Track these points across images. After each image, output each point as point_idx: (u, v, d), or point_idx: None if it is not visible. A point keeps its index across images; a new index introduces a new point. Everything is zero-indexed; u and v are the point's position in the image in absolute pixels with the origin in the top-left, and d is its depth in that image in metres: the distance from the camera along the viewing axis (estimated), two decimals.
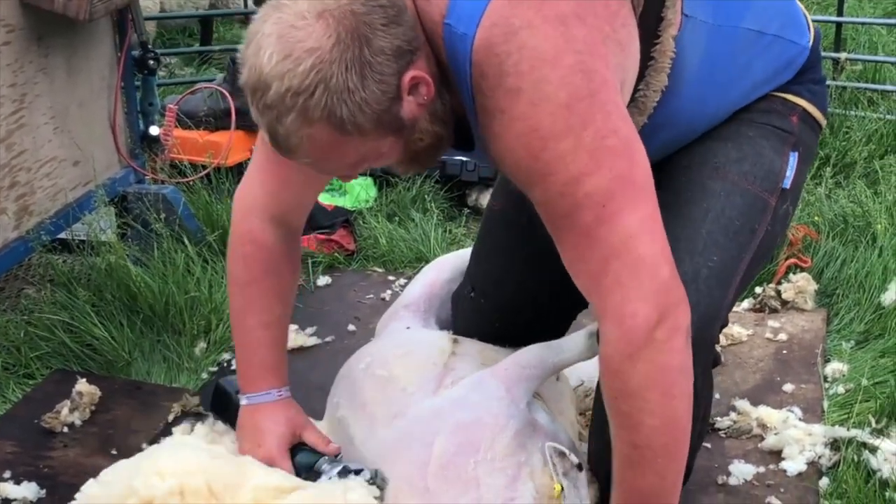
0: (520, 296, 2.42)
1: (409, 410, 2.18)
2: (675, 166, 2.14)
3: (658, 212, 1.79)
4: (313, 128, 1.67)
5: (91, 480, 2.20)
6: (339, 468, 2.09)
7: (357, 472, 2.08)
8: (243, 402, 2.25)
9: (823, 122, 2.25)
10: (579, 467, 1.96)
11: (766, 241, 2.11)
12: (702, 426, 2.19)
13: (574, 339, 2.24)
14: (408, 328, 2.52)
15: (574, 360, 2.24)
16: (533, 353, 2.23)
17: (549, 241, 2.33)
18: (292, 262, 2.25)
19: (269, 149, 2.07)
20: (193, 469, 2.08)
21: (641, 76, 1.95)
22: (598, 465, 2.16)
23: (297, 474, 2.14)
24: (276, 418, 2.19)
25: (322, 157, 1.74)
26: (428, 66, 1.76)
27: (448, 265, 2.71)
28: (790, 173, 2.14)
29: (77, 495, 2.20)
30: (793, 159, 2.14)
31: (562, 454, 1.96)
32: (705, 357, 2.03)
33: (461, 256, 2.70)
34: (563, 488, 2.00)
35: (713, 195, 2.06)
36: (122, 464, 2.22)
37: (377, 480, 2.06)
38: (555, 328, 2.45)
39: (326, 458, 2.16)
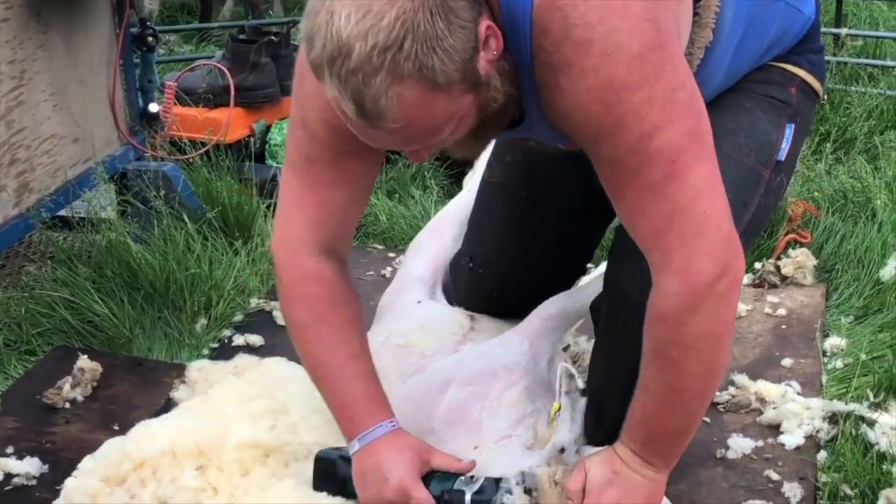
0: (519, 269, 2.43)
1: (427, 368, 2.21)
2: None
3: (717, 165, 1.77)
4: (404, 84, 1.57)
5: (87, 457, 2.24)
6: (479, 485, 1.95)
7: (497, 482, 1.97)
8: (355, 447, 2.00)
9: (821, 92, 2.24)
10: (582, 392, 1.97)
11: (758, 214, 2.11)
12: None
13: (595, 284, 2.25)
14: (419, 302, 2.54)
15: None
16: (555, 305, 2.25)
17: (548, 214, 2.35)
18: (353, 293, 2.10)
19: (305, 175, 1.99)
20: (183, 430, 2.14)
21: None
22: (595, 432, 2.17)
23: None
24: (399, 446, 1.98)
25: (411, 119, 1.61)
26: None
27: (447, 230, 2.71)
28: (786, 145, 2.13)
29: (74, 473, 2.23)
30: (789, 131, 2.14)
31: (571, 376, 1.97)
32: None
33: (460, 214, 2.68)
34: (560, 407, 2.02)
35: None
36: (116, 438, 2.27)
37: (525, 484, 1.98)
38: None
39: (462, 478, 1.97)
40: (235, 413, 2.22)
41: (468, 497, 1.93)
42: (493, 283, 2.45)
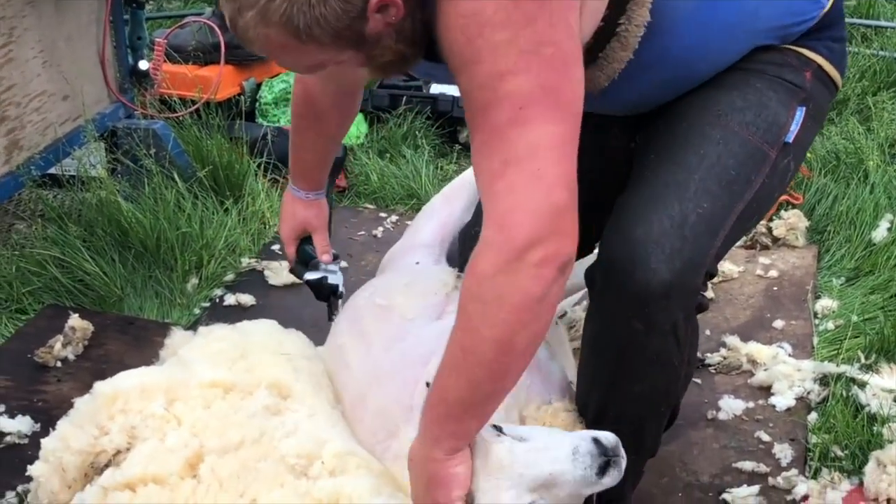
0: None
1: (409, 335, 2.20)
2: (676, 111, 2.10)
3: (576, 139, 1.75)
4: (270, 29, 1.67)
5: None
6: (320, 274, 2.53)
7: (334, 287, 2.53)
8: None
9: (839, 81, 2.20)
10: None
11: (761, 193, 2.08)
12: (687, 370, 2.18)
13: (583, 264, 2.25)
14: (417, 263, 2.53)
15: None
16: None
17: None
18: (338, 109, 2.45)
19: None
20: (152, 373, 2.29)
21: (623, 10, 1.92)
22: (585, 404, 2.17)
23: (297, 261, 2.60)
24: (295, 211, 2.57)
25: (277, 57, 1.77)
26: None
27: (460, 200, 2.69)
28: (795, 127, 2.09)
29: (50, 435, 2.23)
30: (800, 114, 2.10)
31: None
32: (687, 303, 2.00)
33: (474, 185, 2.66)
34: None
35: (711, 142, 2.03)
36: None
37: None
38: None
39: (319, 262, 2.55)
40: (199, 361, 2.31)
41: (305, 276, 2.56)
42: None
